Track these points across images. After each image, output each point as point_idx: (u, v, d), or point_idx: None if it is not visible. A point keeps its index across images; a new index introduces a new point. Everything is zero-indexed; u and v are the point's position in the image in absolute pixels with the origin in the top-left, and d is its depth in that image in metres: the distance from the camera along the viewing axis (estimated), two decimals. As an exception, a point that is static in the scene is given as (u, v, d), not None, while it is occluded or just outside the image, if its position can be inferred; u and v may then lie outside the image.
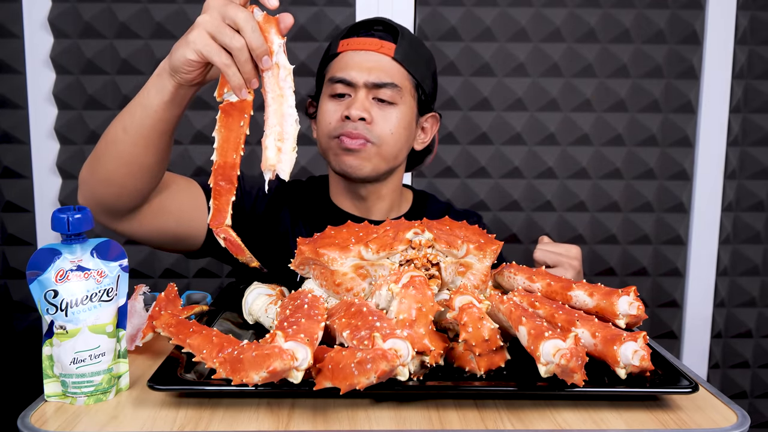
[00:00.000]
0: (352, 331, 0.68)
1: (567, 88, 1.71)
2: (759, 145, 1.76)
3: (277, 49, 0.77)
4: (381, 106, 1.11)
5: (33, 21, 1.60)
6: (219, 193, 0.79)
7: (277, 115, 0.77)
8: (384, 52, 1.12)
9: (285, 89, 0.78)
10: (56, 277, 0.69)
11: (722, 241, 1.78)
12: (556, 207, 1.75)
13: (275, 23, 0.77)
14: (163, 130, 0.88)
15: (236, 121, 0.78)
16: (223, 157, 0.78)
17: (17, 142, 1.64)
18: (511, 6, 1.68)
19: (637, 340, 0.69)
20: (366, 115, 1.09)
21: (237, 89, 0.78)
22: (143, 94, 0.87)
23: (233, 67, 0.77)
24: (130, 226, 1.00)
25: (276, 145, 0.77)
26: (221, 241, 0.81)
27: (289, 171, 0.77)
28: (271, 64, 0.77)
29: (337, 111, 1.11)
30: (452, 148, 1.71)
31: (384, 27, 1.16)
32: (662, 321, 1.80)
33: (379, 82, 1.10)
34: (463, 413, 0.68)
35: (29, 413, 0.68)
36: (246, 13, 0.76)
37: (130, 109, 0.89)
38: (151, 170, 0.93)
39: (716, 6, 1.69)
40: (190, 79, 0.82)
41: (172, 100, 0.85)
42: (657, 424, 0.67)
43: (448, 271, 0.82)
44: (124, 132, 0.89)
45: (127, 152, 0.90)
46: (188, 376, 0.71)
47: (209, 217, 0.80)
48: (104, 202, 0.95)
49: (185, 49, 0.78)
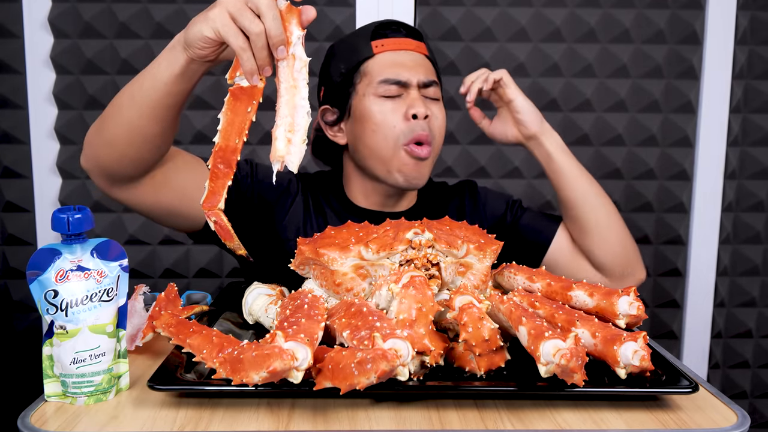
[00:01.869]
0: (352, 331, 0.68)
1: (567, 88, 1.71)
2: (759, 145, 1.76)
3: (295, 41, 0.77)
4: (430, 102, 1.12)
5: (33, 21, 1.60)
6: (216, 176, 0.78)
7: (289, 105, 0.77)
8: (421, 51, 1.13)
9: (299, 80, 0.77)
10: (56, 277, 0.69)
11: (722, 241, 1.78)
12: (556, 207, 1.75)
13: (297, 14, 0.77)
14: (170, 104, 0.88)
15: (244, 106, 0.78)
16: (225, 140, 0.78)
17: (17, 142, 1.64)
18: (511, 6, 1.68)
19: (637, 340, 0.70)
20: (429, 112, 1.09)
21: (249, 74, 0.77)
22: (154, 65, 0.86)
23: (248, 52, 0.76)
24: (129, 195, 0.98)
25: (286, 136, 0.77)
26: (211, 224, 0.80)
27: (298, 163, 0.77)
28: (286, 54, 0.77)
29: (397, 111, 1.09)
30: (452, 148, 1.71)
31: (407, 29, 1.16)
32: (662, 321, 1.80)
33: (428, 80, 1.11)
34: (463, 413, 0.68)
35: (29, 413, 0.68)
36: (269, 0, 0.76)
37: (139, 78, 0.88)
38: (154, 141, 0.92)
39: (716, 6, 1.69)
40: (203, 55, 0.81)
41: (182, 74, 0.84)
42: (657, 424, 0.67)
43: (448, 271, 0.82)
44: (130, 99, 0.89)
45: (132, 120, 0.89)
46: (188, 376, 0.72)
47: (203, 198, 0.79)
48: (105, 166, 0.94)
49: (203, 25, 0.78)
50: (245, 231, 1.06)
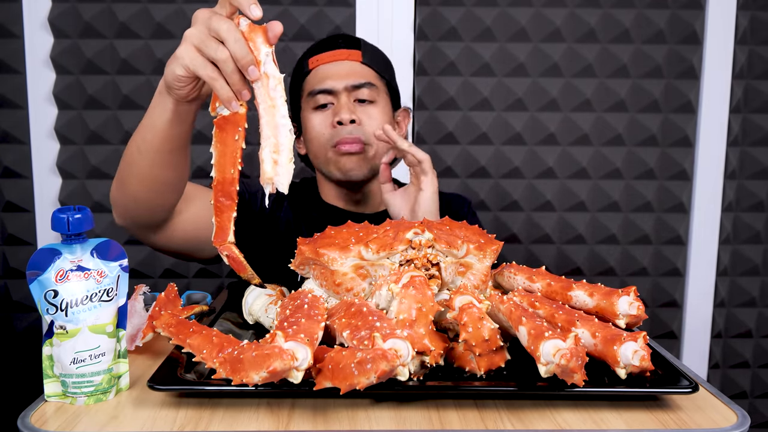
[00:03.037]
0: (352, 331, 0.68)
1: (567, 88, 1.71)
2: (759, 145, 1.76)
3: (264, 59, 0.75)
4: (363, 106, 1.18)
5: (33, 21, 1.60)
6: (220, 210, 0.78)
7: (270, 126, 0.76)
8: (353, 58, 1.20)
9: (276, 99, 0.76)
10: (56, 277, 0.69)
11: (722, 241, 1.78)
12: (556, 207, 1.75)
13: (262, 32, 0.75)
14: (173, 147, 0.89)
15: (231, 135, 0.77)
16: (221, 173, 0.77)
17: (17, 142, 1.64)
18: (511, 6, 1.68)
19: (637, 340, 0.69)
20: (355, 117, 1.16)
21: (227, 102, 0.76)
22: (150, 113, 0.87)
23: (220, 80, 0.75)
24: (164, 237, 1.03)
25: (272, 157, 0.76)
26: (224, 258, 0.80)
27: (287, 183, 0.76)
28: (259, 75, 0.75)
29: (326, 119, 1.18)
30: (452, 148, 1.71)
31: (345, 40, 1.23)
32: (662, 321, 1.80)
33: (358, 83, 1.18)
34: (463, 413, 0.68)
35: (29, 413, 0.68)
36: (228, 24, 0.74)
37: (141, 130, 0.90)
38: (172, 185, 0.95)
39: (716, 6, 1.69)
40: (184, 95, 0.82)
41: (175, 118, 0.85)
42: (657, 424, 0.67)
43: (448, 271, 0.82)
44: (138, 153, 0.90)
45: (145, 171, 0.91)
46: (188, 376, 0.71)
47: (212, 234, 0.79)
48: (137, 218, 0.99)
49: (174, 64, 0.78)
50: (248, 237, 1.09)
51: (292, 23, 1.64)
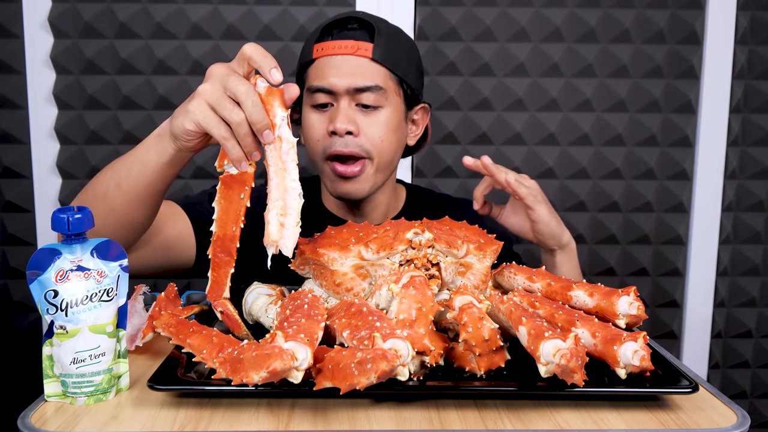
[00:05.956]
0: (352, 331, 0.68)
1: (567, 88, 1.71)
2: (759, 145, 1.76)
3: (279, 122, 0.74)
4: (366, 112, 1.07)
5: (33, 21, 1.60)
6: (218, 266, 0.78)
7: (279, 188, 0.75)
8: (361, 54, 1.06)
9: (288, 162, 0.75)
10: (56, 277, 0.69)
11: (722, 241, 1.78)
12: (556, 207, 1.74)
13: (279, 95, 0.75)
14: (157, 190, 0.87)
15: (236, 193, 0.76)
16: (222, 230, 0.77)
17: (17, 142, 1.64)
18: (511, 6, 1.68)
19: (637, 340, 0.69)
20: (352, 128, 1.05)
21: (236, 162, 0.75)
22: (141, 152, 0.84)
23: (232, 141, 0.74)
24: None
25: (279, 220, 0.75)
26: (218, 314, 0.80)
27: (292, 247, 0.75)
28: (273, 138, 0.74)
29: (322, 124, 1.07)
30: (452, 148, 1.71)
31: (359, 24, 1.08)
32: (662, 321, 1.80)
33: (362, 86, 1.05)
34: (463, 413, 0.68)
35: (29, 413, 0.68)
36: (247, 87, 0.73)
37: (125, 165, 0.86)
38: (141, 226, 0.92)
39: (716, 6, 1.69)
40: (189, 146, 0.80)
41: (171, 162, 0.83)
42: (657, 424, 0.67)
43: (448, 271, 0.82)
44: (117, 188, 0.86)
45: (118, 208, 0.87)
46: (188, 376, 0.71)
47: (207, 289, 0.79)
48: None
49: (184, 118, 0.76)
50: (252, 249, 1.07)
51: (292, 23, 1.64)
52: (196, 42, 1.63)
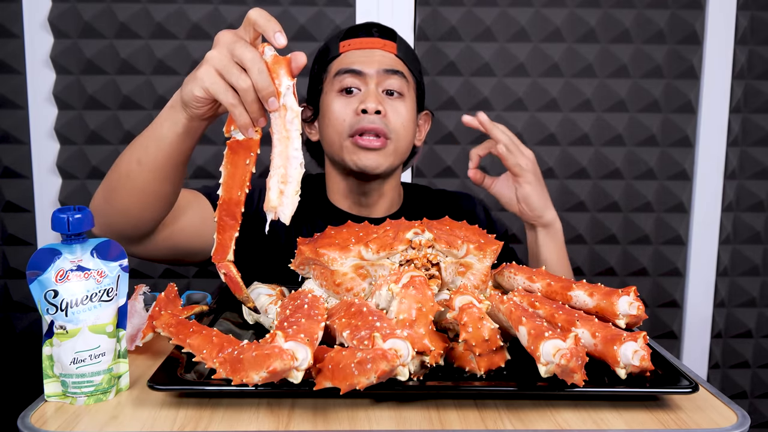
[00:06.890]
0: (352, 331, 0.68)
1: (567, 88, 1.71)
2: (759, 145, 1.76)
3: (285, 91, 0.75)
4: (391, 99, 1.13)
5: (33, 21, 1.60)
6: (223, 229, 0.79)
7: (282, 156, 0.76)
8: (388, 49, 1.15)
9: (291, 131, 0.76)
10: (56, 277, 0.69)
11: (722, 241, 1.78)
12: (556, 207, 1.74)
13: (286, 63, 0.75)
14: (177, 162, 0.88)
15: (242, 158, 0.77)
16: (227, 194, 0.78)
17: (17, 142, 1.64)
18: (511, 6, 1.68)
19: (637, 340, 0.69)
20: (381, 108, 1.10)
21: (243, 128, 0.76)
22: (156, 126, 0.86)
23: (240, 107, 0.75)
24: (146, 249, 1.01)
25: (279, 187, 0.76)
26: (221, 276, 0.80)
27: (290, 214, 0.77)
28: (278, 106, 0.75)
29: (349, 106, 1.12)
30: (452, 148, 1.71)
31: (380, 30, 1.18)
32: (662, 321, 1.80)
33: (391, 68, 1.12)
34: (463, 413, 0.68)
35: (29, 413, 0.68)
36: (254, 53, 0.74)
37: (143, 142, 0.88)
38: (168, 199, 0.94)
39: (716, 6, 1.69)
40: (200, 114, 0.81)
41: (186, 132, 0.84)
42: (657, 424, 0.67)
43: (448, 271, 0.82)
44: (138, 165, 0.89)
45: (143, 184, 0.90)
46: (188, 376, 0.71)
47: (212, 251, 0.80)
48: (120, 231, 0.96)
49: (193, 84, 0.77)
50: (254, 242, 1.07)
51: (291, 23, 1.64)
52: (196, 42, 1.63)
